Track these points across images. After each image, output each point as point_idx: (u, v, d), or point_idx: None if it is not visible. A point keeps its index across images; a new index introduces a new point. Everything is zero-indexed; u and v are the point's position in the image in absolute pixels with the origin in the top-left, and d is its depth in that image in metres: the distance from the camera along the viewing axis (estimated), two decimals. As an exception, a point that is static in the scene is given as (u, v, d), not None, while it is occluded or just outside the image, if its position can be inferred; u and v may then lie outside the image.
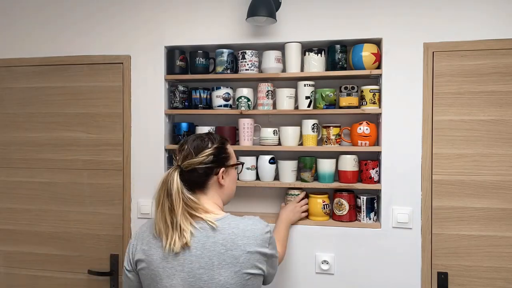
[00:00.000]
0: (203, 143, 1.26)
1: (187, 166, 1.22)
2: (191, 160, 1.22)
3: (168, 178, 1.20)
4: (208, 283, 1.13)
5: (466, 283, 1.67)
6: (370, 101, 1.73)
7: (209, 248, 1.15)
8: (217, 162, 1.26)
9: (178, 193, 1.17)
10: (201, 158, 1.22)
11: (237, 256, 1.14)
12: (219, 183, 1.28)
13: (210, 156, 1.24)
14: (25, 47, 1.99)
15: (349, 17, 1.74)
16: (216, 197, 1.28)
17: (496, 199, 1.64)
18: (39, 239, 2.00)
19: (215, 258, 1.14)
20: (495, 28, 1.63)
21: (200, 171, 1.23)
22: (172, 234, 1.15)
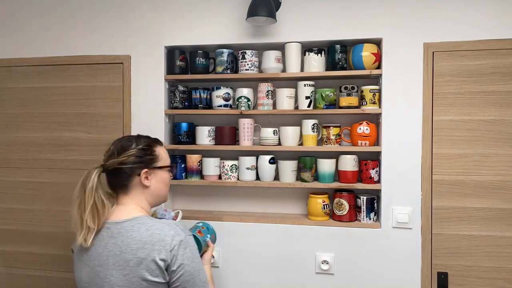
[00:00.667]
0: (127, 143, 1.28)
1: (109, 165, 1.24)
2: (112, 160, 1.24)
3: (87, 176, 1.22)
4: (102, 280, 1.16)
5: (466, 283, 1.67)
6: (370, 101, 1.73)
7: (109, 248, 1.17)
8: (140, 163, 1.26)
9: (91, 191, 1.19)
10: (122, 158, 1.24)
11: (127, 260, 1.14)
12: (142, 184, 1.26)
13: (131, 157, 1.24)
14: (25, 47, 1.99)
15: (349, 17, 1.74)
16: (140, 198, 1.27)
17: (496, 199, 1.64)
18: (39, 239, 2.00)
19: (111, 259, 1.16)
20: (495, 28, 1.63)
21: (122, 171, 1.24)
22: (81, 230, 1.18)
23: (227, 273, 1.83)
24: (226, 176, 1.84)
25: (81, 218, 1.19)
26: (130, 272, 1.14)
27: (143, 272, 1.13)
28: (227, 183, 1.84)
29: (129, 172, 1.25)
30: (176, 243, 1.15)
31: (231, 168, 1.84)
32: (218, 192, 1.97)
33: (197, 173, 1.88)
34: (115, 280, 1.15)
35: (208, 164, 1.86)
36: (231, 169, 1.84)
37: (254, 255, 1.81)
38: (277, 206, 1.94)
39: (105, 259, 1.17)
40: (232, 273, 1.83)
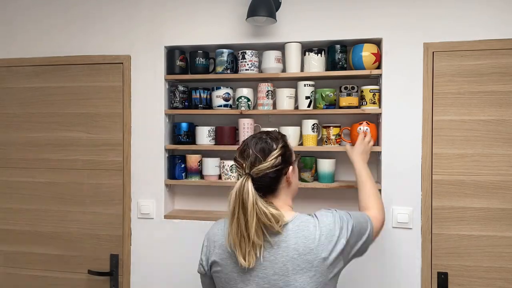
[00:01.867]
0: (267, 145, 1.18)
1: (257, 172, 1.15)
2: (260, 166, 1.15)
3: (242, 189, 1.12)
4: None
5: (466, 283, 1.67)
6: (370, 101, 1.73)
7: (282, 254, 1.11)
8: (285, 162, 1.19)
9: (253, 205, 1.10)
10: (271, 162, 1.15)
11: (311, 261, 1.11)
12: (288, 182, 1.22)
13: (278, 158, 1.17)
14: (25, 47, 1.99)
15: (349, 17, 1.74)
16: (287, 198, 1.24)
17: (496, 199, 1.64)
18: (39, 239, 2.00)
19: (289, 264, 1.11)
20: (495, 28, 1.63)
21: (272, 175, 1.16)
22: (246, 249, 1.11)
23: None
24: (226, 176, 1.84)
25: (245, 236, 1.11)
26: (316, 273, 1.11)
27: (328, 269, 1.12)
28: (227, 183, 1.84)
29: (278, 174, 1.18)
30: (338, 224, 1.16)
31: (231, 168, 1.84)
32: (218, 192, 1.97)
33: (196, 173, 1.88)
34: (301, 284, 1.10)
35: (208, 164, 1.86)
36: (231, 169, 1.84)
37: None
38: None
39: (281, 266, 1.11)
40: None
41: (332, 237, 1.13)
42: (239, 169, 1.19)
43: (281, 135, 1.25)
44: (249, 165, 1.16)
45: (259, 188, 1.14)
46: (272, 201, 1.19)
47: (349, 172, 1.88)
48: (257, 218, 1.10)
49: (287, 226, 1.14)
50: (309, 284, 1.10)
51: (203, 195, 1.99)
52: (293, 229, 1.14)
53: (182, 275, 1.85)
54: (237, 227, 1.11)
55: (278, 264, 1.11)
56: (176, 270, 1.87)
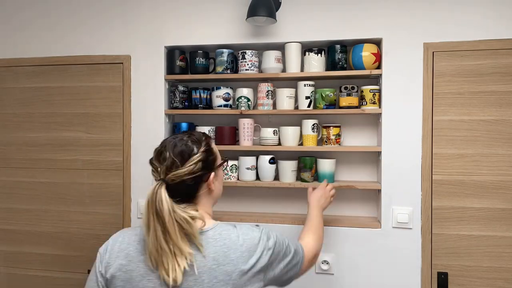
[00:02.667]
0: (187, 148, 1.05)
1: (173, 179, 1.01)
2: (177, 172, 1.02)
3: (155, 197, 0.98)
4: None
5: (466, 283, 1.67)
6: (370, 101, 1.73)
7: (198, 264, 0.98)
8: (206, 168, 1.06)
9: (170, 214, 0.97)
10: (189, 168, 1.02)
11: (229, 272, 0.99)
12: (209, 189, 1.09)
13: (199, 163, 1.04)
14: (25, 47, 1.99)
15: (349, 17, 1.74)
16: (207, 205, 1.11)
17: (496, 199, 1.64)
18: (39, 239, 2.00)
19: (205, 275, 0.98)
20: (495, 28, 1.63)
21: (189, 183, 1.03)
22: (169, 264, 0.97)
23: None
24: (226, 176, 1.84)
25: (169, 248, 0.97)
26: (233, 286, 0.98)
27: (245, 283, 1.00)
28: (227, 183, 1.84)
29: (197, 181, 1.05)
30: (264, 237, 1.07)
31: (231, 168, 1.84)
32: (218, 192, 1.97)
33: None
34: None
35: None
36: (231, 169, 1.84)
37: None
38: (277, 206, 1.94)
39: (196, 278, 0.97)
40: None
41: (255, 250, 1.03)
42: (155, 173, 1.06)
43: (205, 137, 1.12)
44: (165, 170, 1.03)
45: (175, 195, 1.01)
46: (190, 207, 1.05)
47: (349, 172, 1.88)
48: (179, 226, 0.98)
49: (207, 234, 1.02)
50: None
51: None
52: (213, 237, 1.02)
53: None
54: (155, 241, 0.97)
55: (191, 276, 0.98)
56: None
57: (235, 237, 1.03)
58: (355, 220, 1.78)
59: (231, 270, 0.99)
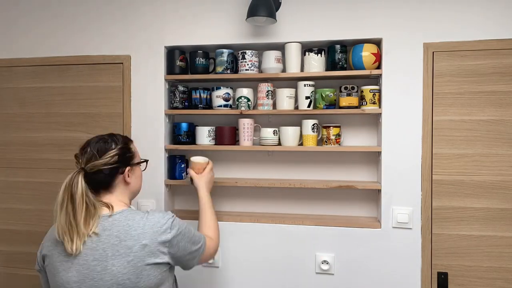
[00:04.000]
0: (106, 144, 1.27)
1: (91, 168, 1.23)
2: (95, 162, 1.23)
3: (72, 181, 1.20)
4: (101, 274, 1.16)
5: (466, 283, 1.67)
6: (370, 101, 1.73)
7: (103, 241, 1.18)
8: (122, 162, 1.28)
9: (82, 196, 1.18)
10: (105, 160, 1.24)
11: (130, 246, 1.17)
12: (125, 181, 1.30)
13: (115, 157, 1.25)
14: (25, 47, 1.99)
15: (349, 17, 1.74)
16: (122, 195, 1.30)
17: (496, 199, 1.64)
18: (39, 239, 1.99)
19: (109, 250, 1.17)
20: (495, 28, 1.63)
21: (106, 172, 1.25)
22: (73, 237, 1.17)
23: (227, 274, 1.83)
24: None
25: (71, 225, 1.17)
26: (134, 257, 1.16)
27: (147, 256, 1.18)
28: (227, 183, 1.84)
29: (112, 172, 1.26)
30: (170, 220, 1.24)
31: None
32: (218, 192, 1.97)
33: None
34: (118, 268, 1.16)
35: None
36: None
37: (253, 255, 1.81)
38: (277, 206, 1.94)
39: (101, 252, 1.17)
40: (232, 273, 1.83)
41: (158, 228, 1.20)
42: (77, 164, 1.26)
43: (125, 138, 1.34)
44: (85, 161, 1.24)
45: (93, 183, 1.23)
46: (106, 196, 1.27)
47: (349, 172, 1.88)
48: (86, 208, 1.18)
49: (114, 216, 1.21)
50: (125, 268, 1.16)
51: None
52: (119, 219, 1.21)
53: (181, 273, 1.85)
54: (66, 217, 1.18)
55: (98, 251, 1.17)
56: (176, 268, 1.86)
57: (139, 218, 1.21)
58: (355, 220, 1.78)
59: (131, 244, 1.17)
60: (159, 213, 1.25)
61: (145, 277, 1.18)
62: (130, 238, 1.18)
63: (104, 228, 1.19)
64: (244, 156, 1.95)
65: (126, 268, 1.16)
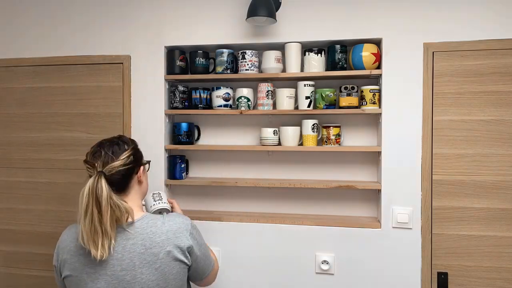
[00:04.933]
0: (119, 146, 1.28)
1: (110, 170, 1.22)
2: (112, 164, 1.22)
3: (96, 185, 1.18)
4: (130, 283, 1.17)
5: (466, 283, 1.67)
6: (370, 101, 1.73)
7: (129, 250, 1.18)
8: (136, 162, 1.29)
9: (107, 199, 1.17)
10: (122, 161, 1.24)
11: (156, 253, 1.19)
12: (138, 181, 1.31)
13: (130, 157, 1.26)
14: (25, 47, 1.99)
15: (349, 17, 1.74)
16: (136, 197, 1.31)
17: (496, 199, 1.64)
18: (39, 239, 2.00)
19: (136, 259, 1.18)
20: (495, 28, 1.63)
21: (123, 173, 1.24)
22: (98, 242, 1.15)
23: (227, 273, 1.83)
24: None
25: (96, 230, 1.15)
26: (161, 264, 1.19)
27: (173, 261, 1.20)
28: (227, 183, 1.84)
29: (129, 172, 1.26)
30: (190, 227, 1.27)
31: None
32: (218, 192, 1.97)
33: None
34: (147, 276, 1.18)
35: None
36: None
37: (253, 255, 1.81)
38: (277, 206, 1.94)
39: (128, 262, 1.18)
40: (232, 273, 1.83)
41: (180, 234, 1.23)
42: (90, 169, 1.24)
43: (131, 141, 1.35)
44: (102, 164, 1.23)
45: (112, 185, 1.21)
46: (122, 198, 1.25)
47: (349, 172, 1.88)
48: (112, 211, 1.17)
49: (135, 224, 1.22)
50: (154, 275, 1.18)
51: (203, 195, 1.99)
52: (141, 226, 1.22)
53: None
54: (91, 223, 1.15)
55: (125, 261, 1.18)
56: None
57: (161, 224, 1.23)
58: (355, 220, 1.78)
59: (157, 252, 1.19)
60: (177, 217, 1.27)
61: (172, 281, 1.21)
62: (155, 246, 1.19)
63: (128, 237, 1.20)
64: (244, 156, 1.95)
65: (155, 275, 1.18)
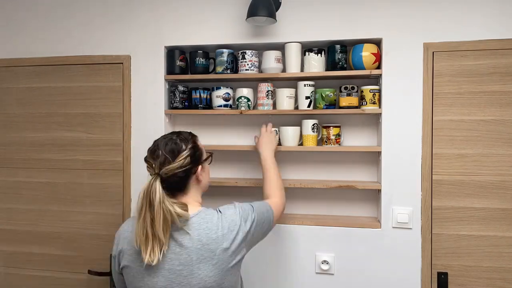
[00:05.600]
0: (177, 146, 1.24)
1: (166, 172, 1.20)
2: (169, 166, 1.20)
3: (150, 188, 1.18)
4: (188, 278, 1.17)
5: (466, 283, 1.67)
6: (370, 101, 1.73)
7: (186, 245, 1.18)
8: (194, 162, 1.26)
9: (160, 204, 1.16)
10: (179, 162, 1.22)
11: (213, 250, 1.18)
12: (197, 180, 1.29)
13: (187, 158, 1.23)
14: (25, 47, 1.99)
15: (349, 17, 1.74)
16: (196, 194, 1.31)
17: (496, 199, 1.64)
18: (39, 239, 2.00)
19: (193, 254, 1.18)
20: (495, 28, 1.63)
21: (180, 175, 1.23)
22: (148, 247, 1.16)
23: (227, 273, 1.83)
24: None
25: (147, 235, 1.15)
26: (218, 260, 1.19)
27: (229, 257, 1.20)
28: (227, 183, 1.84)
29: (186, 174, 1.24)
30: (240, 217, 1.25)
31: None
32: (218, 192, 1.97)
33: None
34: (204, 272, 1.17)
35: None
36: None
37: (253, 255, 1.81)
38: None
39: (185, 257, 1.18)
40: (232, 273, 1.83)
41: (234, 227, 1.22)
42: (150, 169, 1.24)
43: (191, 136, 1.31)
44: (159, 166, 1.21)
45: (169, 187, 1.21)
46: (182, 198, 1.26)
47: (349, 172, 1.88)
48: (164, 216, 1.16)
49: (192, 220, 1.21)
50: (211, 271, 1.18)
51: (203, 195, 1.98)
52: (197, 222, 1.21)
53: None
54: (143, 225, 1.16)
55: (183, 256, 1.18)
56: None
57: (216, 220, 1.22)
58: (355, 220, 1.78)
59: (214, 248, 1.18)
60: (230, 210, 1.26)
61: (229, 277, 1.21)
62: (211, 242, 1.19)
63: (185, 233, 1.19)
64: (244, 156, 1.95)
65: (212, 271, 1.18)
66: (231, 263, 1.21)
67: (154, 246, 1.15)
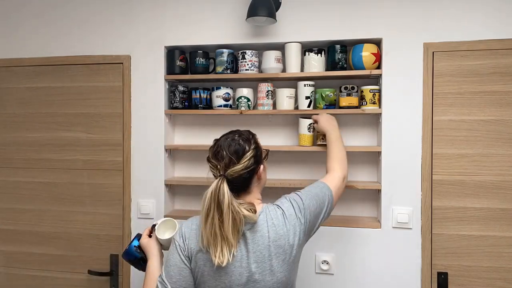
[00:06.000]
0: (240, 146, 1.24)
1: (232, 174, 1.20)
2: (235, 168, 1.20)
3: (218, 190, 1.17)
4: (262, 275, 1.19)
5: (466, 283, 1.66)
6: (370, 101, 1.73)
7: (257, 243, 1.20)
8: (257, 162, 1.26)
9: (228, 206, 1.15)
10: (244, 164, 1.21)
11: (281, 245, 1.20)
12: (259, 178, 1.29)
13: (251, 159, 1.23)
14: (25, 47, 1.99)
15: (349, 17, 1.74)
16: (257, 191, 1.31)
17: (496, 199, 1.64)
18: (39, 239, 2.00)
19: (265, 251, 1.19)
20: (495, 28, 1.63)
21: (245, 176, 1.23)
22: (217, 248, 1.16)
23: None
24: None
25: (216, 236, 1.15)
26: (286, 256, 1.21)
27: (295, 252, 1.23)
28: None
29: (250, 174, 1.24)
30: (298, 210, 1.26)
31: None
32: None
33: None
34: (276, 268, 1.20)
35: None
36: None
37: (254, 255, 1.81)
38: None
39: (258, 254, 1.19)
40: (232, 273, 1.83)
41: (295, 222, 1.24)
42: (214, 169, 1.25)
43: (252, 135, 1.31)
44: (224, 167, 1.22)
45: (234, 187, 1.20)
46: (246, 197, 1.26)
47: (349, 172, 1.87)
48: (232, 218, 1.16)
49: (259, 217, 1.22)
50: (282, 266, 1.20)
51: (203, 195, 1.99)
52: (263, 219, 1.22)
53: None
54: (211, 227, 1.16)
55: (256, 253, 1.19)
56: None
57: (280, 216, 1.23)
58: (355, 220, 1.78)
59: (282, 244, 1.20)
60: (285, 204, 1.26)
61: (295, 271, 1.26)
62: (279, 238, 1.20)
63: (255, 230, 1.20)
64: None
65: (283, 267, 1.21)
66: (296, 256, 1.24)
67: (223, 247, 1.16)
